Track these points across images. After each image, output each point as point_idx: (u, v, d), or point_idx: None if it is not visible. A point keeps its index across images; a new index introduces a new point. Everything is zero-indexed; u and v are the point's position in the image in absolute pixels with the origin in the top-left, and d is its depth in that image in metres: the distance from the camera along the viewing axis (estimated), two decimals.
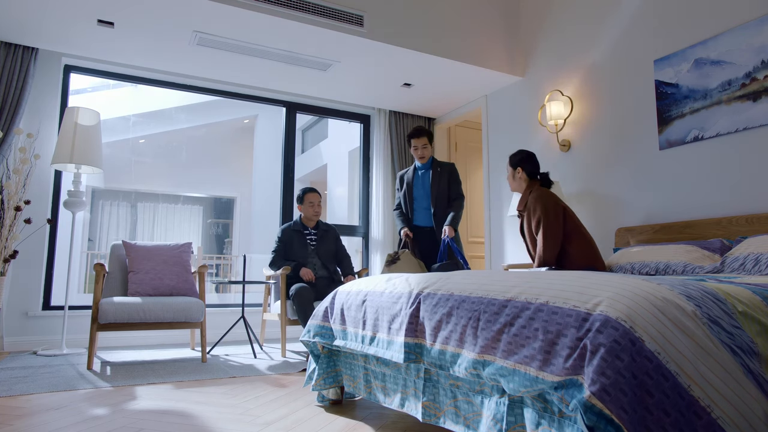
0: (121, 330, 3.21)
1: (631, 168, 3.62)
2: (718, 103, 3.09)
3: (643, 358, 1.05)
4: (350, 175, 9.08)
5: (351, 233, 5.57)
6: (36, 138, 3.96)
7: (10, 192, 3.67)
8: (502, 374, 1.28)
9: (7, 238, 3.61)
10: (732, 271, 2.41)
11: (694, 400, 1.03)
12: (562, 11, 4.30)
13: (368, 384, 2.00)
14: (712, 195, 3.11)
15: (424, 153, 3.98)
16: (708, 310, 1.23)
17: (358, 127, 5.79)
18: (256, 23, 3.67)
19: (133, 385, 2.66)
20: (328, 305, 2.24)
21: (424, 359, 1.60)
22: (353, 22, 3.86)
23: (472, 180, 5.88)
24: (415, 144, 3.96)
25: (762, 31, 2.89)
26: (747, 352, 1.20)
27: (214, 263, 10.34)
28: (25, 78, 3.91)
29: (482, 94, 5.07)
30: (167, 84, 4.69)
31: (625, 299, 1.18)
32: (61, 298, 4.12)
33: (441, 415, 1.60)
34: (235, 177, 10.72)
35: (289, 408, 2.21)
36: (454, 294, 1.59)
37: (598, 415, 1.01)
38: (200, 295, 3.57)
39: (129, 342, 4.26)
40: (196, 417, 2.05)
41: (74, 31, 3.82)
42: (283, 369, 3.15)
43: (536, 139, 4.44)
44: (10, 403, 2.24)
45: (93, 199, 9.44)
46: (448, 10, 4.32)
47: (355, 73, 4.58)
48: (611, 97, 3.81)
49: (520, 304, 1.34)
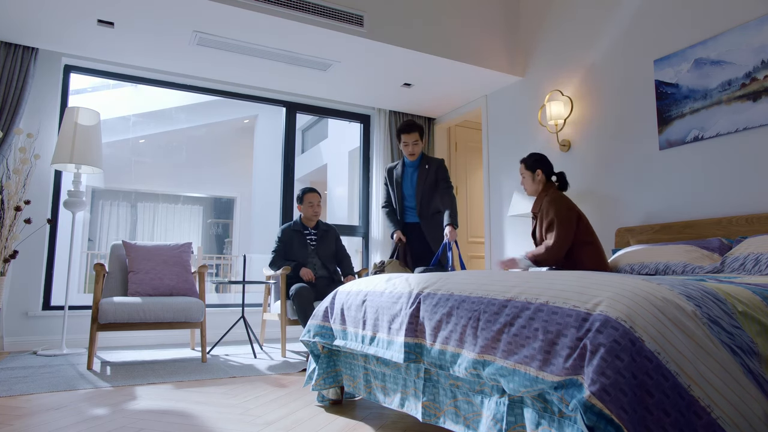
0: (121, 330, 3.21)
1: (631, 168, 3.62)
2: (718, 103, 3.09)
3: (643, 358, 1.05)
4: (350, 175, 9.08)
5: (351, 233, 5.56)
6: (36, 138, 3.96)
7: (10, 192, 3.67)
8: (502, 374, 1.28)
9: (7, 238, 3.61)
10: (732, 271, 2.41)
11: (694, 400, 1.03)
12: (562, 11, 4.30)
13: (368, 384, 2.00)
14: (712, 195, 3.11)
15: (415, 150, 3.76)
16: (708, 310, 1.23)
17: (358, 127, 5.79)
18: (256, 23, 3.67)
19: (133, 385, 2.66)
20: (328, 305, 2.24)
21: (424, 359, 1.60)
22: (353, 22, 3.86)
23: (472, 180, 5.88)
24: (406, 140, 3.74)
25: (762, 31, 2.89)
26: (747, 352, 1.20)
27: (214, 263, 10.34)
28: (25, 78, 3.91)
29: (482, 94, 5.07)
30: (167, 84, 4.69)
31: (625, 299, 1.18)
32: (61, 298, 4.12)
33: (441, 415, 1.60)
34: (235, 177, 10.72)
35: (289, 408, 2.21)
36: (454, 294, 1.59)
37: (598, 415, 1.01)
38: (200, 295, 3.57)
39: (129, 342, 4.26)
40: (196, 417, 2.05)
41: (74, 31, 3.82)
42: (283, 369, 3.15)
43: (536, 139, 4.44)
44: (10, 403, 2.24)
45: (93, 199, 9.44)
46: (448, 10, 4.32)
47: (355, 73, 4.58)
48: (611, 97, 3.81)
49: (520, 304, 1.34)
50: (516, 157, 4.63)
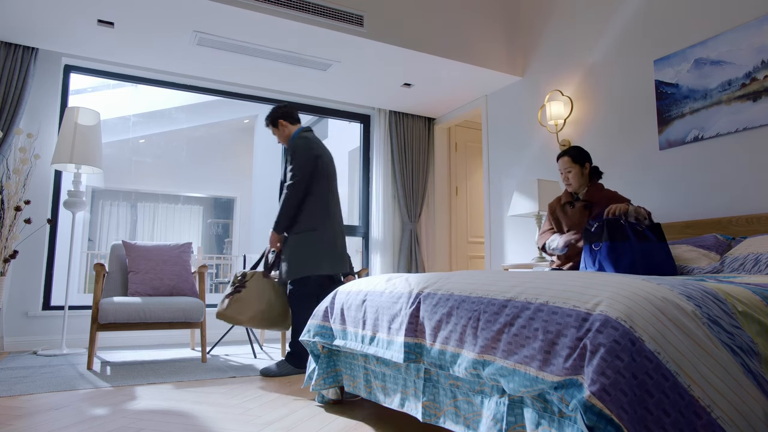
0: (121, 330, 3.21)
1: (631, 168, 3.62)
2: (718, 103, 3.09)
3: (643, 358, 1.05)
4: (350, 175, 9.08)
5: (351, 233, 5.56)
6: (36, 138, 3.96)
7: (10, 192, 3.67)
8: (502, 374, 1.28)
9: (7, 238, 3.61)
10: (732, 271, 2.41)
11: (694, 400, 1.03)
12: (562, 11, 4.30)
13: (368, 384, 2.00)
14: (712, 195, 3.11)
15: (277, 137, 3.35)
16: (708, 310, 1.23)
17: (358, 127, 5.79)
18: (256, 23, 3.67)
19: (133, 385, 2.66)
20: (328, 305, 2.25)
21: (424, 359, 1.60)
22: (353, 22, 3.86)
23: (472, 180, 5.89)
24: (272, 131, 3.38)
25: (762, 31, 2.89)
26: (747, 352, 1.20)
27: (214, 263, 10.34)
28: (25, 78, 3.91)
29: (482, 94, 5.07)
30: (167, 84, 4.69)
31: (625, 299, 1.18)
32: (61, 298, 4.12)
33: (441, 415, 1.60)
34: (235, 177, 10.73)
35: (289, 408, 2.21)
36: (454, 294, 1.59)
37: (598, 415, 1.01)
38: (200, 295, 3.57)
39: (129, 342, 4.26)
40: (196, 417, 2.05)
41: (74, 31, 3.82)
42: None
43: (536, 139, 4.44)
44: (10, 403, 2.24)
45: (93, 199, 9.45)
46: (448, 10, 4.33)
47: (355, 73, 4.58)
48: (611, 97, 3.81)
49: (520, 304, 1.34)
50: (516, 157, 4.63)
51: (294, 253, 3.06)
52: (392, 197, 5.44)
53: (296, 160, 3.08)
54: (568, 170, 2.98)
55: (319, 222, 3.11)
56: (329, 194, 3.21)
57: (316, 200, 3.13)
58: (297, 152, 3.11)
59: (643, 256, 2.38)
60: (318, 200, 3.13)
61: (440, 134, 5.79)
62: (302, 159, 3.09)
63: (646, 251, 2.39)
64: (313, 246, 3.07)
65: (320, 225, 3.11)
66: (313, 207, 3.12)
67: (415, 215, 5.45)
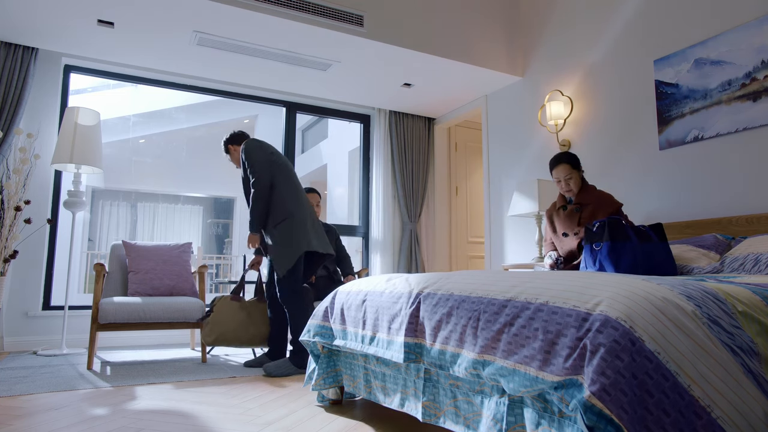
0: (121, 330, 3.21)
1: (631, 168, 3.62)
2: (718, 103, 3.09)
3: (643, 358, 1.05)
4: (350, 175, 9.08)
5: (351, 233, 5.57)
6: (36, 138, 3.96)
7: (10, 192, 3.67)
8: (502, 374, 1.28)
9: (7, 238, 3.61)
10: (732, 270, 2.41)
11: (694, 400, 1.03)
12: (562, 11, 4.30)
13: (368, 384, 2.00)
14: (712, 195, 3.11)
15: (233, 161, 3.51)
16: (708, 310, 1.23)
17: (358, 127, 5.79)
18: (256, 23, 3.67)
19: (133, 385, 2.66)
20: (328, 305, 2.25)
21: (424, 359, 1.60)
22: (353, 22, 3.86)
23: (472, 180, 5.89)
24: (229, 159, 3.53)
25: (762, 31, 2.89)
26: (747, 352, 1.20)
27: (214, 263, 10.34)
28: (25, 78, 3.91)
29: (482, 94, 5.07)
30: (167, 84, 4.69)
31: (625, 299, 1.18)
32: (61, 298, 4.12)
33: (441, 415, 1.60)
34: (235, 177, 10.71)
35: (289, 408, 2.21)
36: (454, 294, 1.59)
37: (598, 415, 1.01)
38: (200, 295, 3.57)
39: (129, 342, 4.26)
40: (196, 417, 2.05)
41: (74, 31, 3.82)
42: None
43: (536, 139, 4.44)
44: (10, 403, 2.24)
45: (93, 199, 9.45)
46: (448, 10, 4.33)
47: (355, 73, 4.58)
48: (611, 97, 3.81)
49: (520, 304, 1.34)
50: (516, 157, 4.63)
51: (280, 242, 3.10)
52: (392, 197, 5.44)
53: (251, 159, 3.19)
54: (568, 177, 3.06)
55: (293, 208, 3.17)
56: (294, 184, 3.28)
57: (284, 190, 3.20)
58: (250, 153, 3.20)
59: (644, 256, 2.39)
60: (285, 189, 3.20)
61: (440, 134, 5.79)
62: (258, 156, 3.20)
63: (647, 251, 2.40)
64: (296, 229, 3.14)
65: (296, 211, 3.17)
66: (283, 196, 3.18)
67: (415, 215, 5.45)
